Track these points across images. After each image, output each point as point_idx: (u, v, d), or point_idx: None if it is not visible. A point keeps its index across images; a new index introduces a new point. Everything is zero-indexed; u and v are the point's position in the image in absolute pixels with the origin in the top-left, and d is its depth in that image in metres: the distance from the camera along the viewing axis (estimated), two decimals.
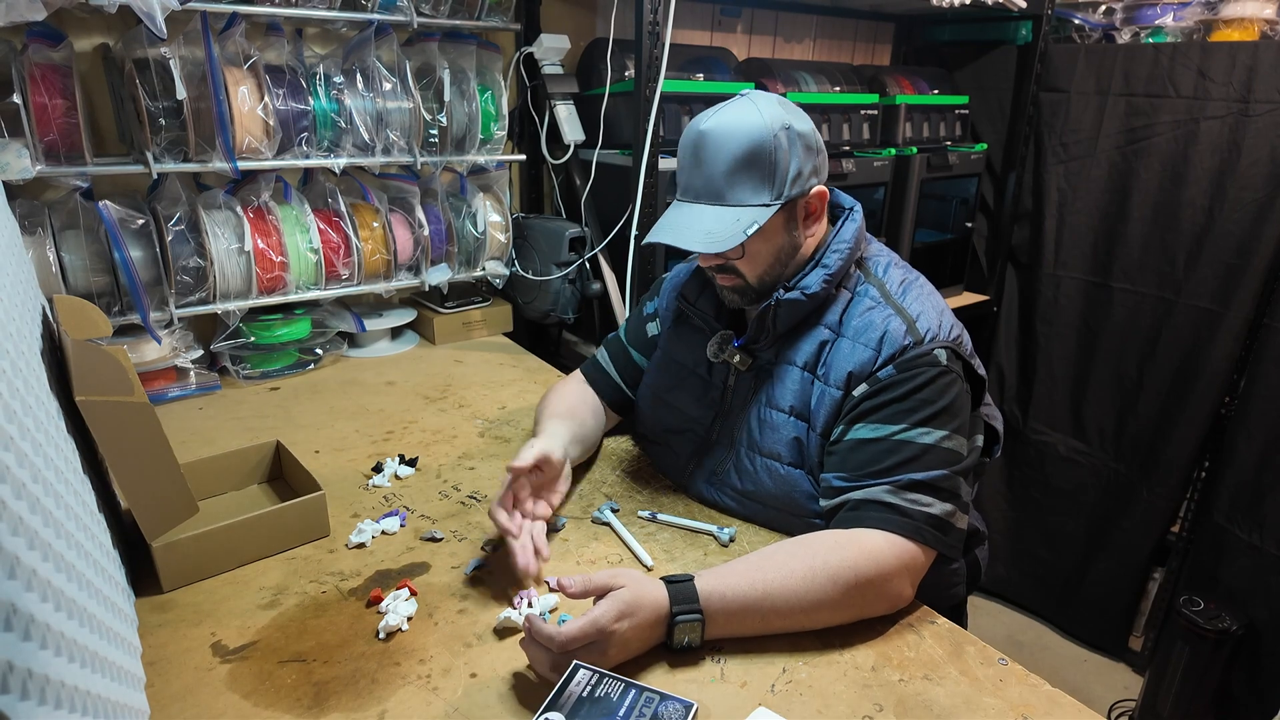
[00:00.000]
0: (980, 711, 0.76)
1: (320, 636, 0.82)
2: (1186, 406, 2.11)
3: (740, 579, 0.83)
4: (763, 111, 0.95)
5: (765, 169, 0.94)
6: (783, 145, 0.94)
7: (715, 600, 0.81)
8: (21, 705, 0.41)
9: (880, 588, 0.86)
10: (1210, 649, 1.96)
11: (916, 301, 0.99)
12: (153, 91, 1.28)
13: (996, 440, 1.09)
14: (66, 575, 0.57)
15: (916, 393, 0.92)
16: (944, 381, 0.93)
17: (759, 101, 0.97)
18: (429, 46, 1.59)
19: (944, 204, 2.37)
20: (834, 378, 0.97)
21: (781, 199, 0.95)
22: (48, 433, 0.67)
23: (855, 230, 1.02)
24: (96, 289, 1.32)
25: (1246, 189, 1.94)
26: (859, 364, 0.96)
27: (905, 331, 0.95)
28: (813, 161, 0.98)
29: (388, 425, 1.34)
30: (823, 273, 1.00)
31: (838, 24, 2.45)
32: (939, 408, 0.92)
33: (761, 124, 0.94)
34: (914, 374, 0.93)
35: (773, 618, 0.83)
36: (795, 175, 0.95)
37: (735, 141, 0.94)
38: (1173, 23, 2.11)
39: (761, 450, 1.03)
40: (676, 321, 1.18)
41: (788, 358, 1.02)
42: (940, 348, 0.95)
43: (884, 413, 0.93)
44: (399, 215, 1.63)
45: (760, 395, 1.04)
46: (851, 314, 1.00)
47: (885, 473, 0.91)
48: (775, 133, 0.94)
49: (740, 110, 0.96)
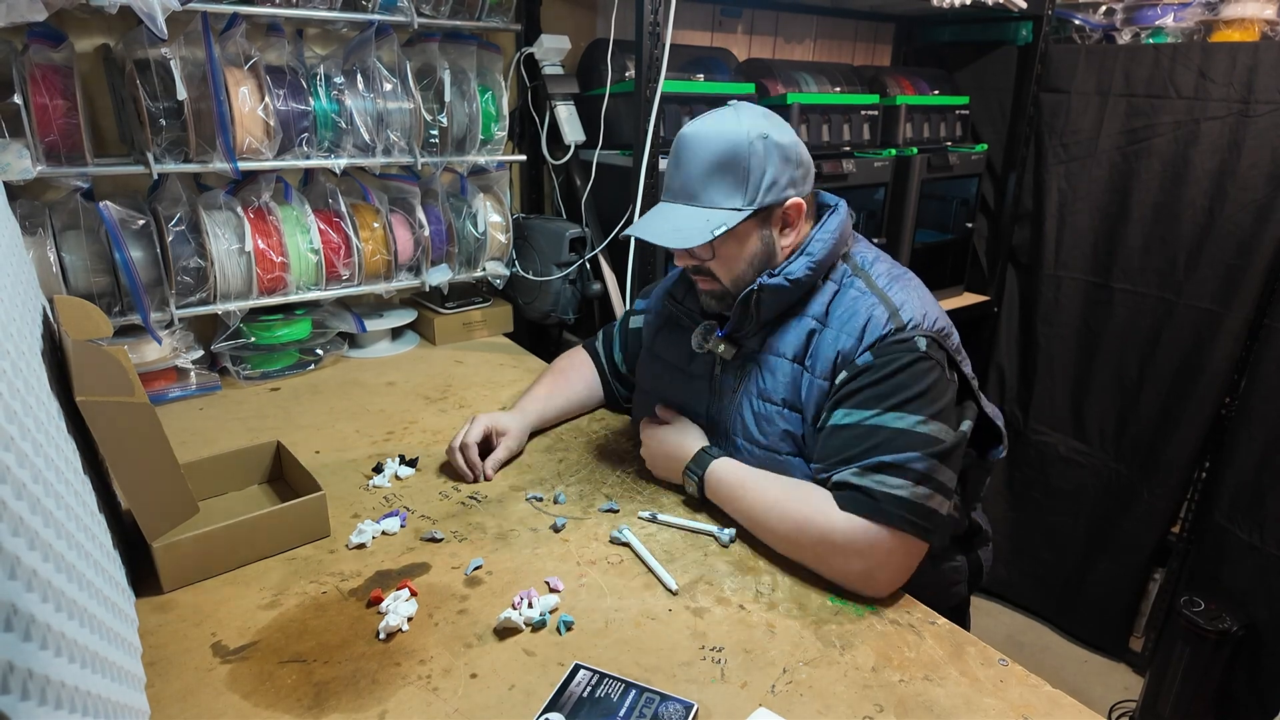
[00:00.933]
0: (981, 712, 0.76)
1: (320, 637, 0.82)
2: (1187, 407, 2.11)
3: (740, 471, 1.04)
4: (742, 120, 0.99)
5: (739, 174, 0.97)
6: (758, 152, 0.97)
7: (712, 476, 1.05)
8: (22, 705, 0.41)
9: (831, 561, 0.93)
10: (1211, 650, 1.96)
11: (902, 291, 1.00)
12: (153, 92, 1.28)
13: (1000, 440, 1.09)
14: (67, 576, 0.57)
15: (892, 377, 0.93)
16: (922, 367, 0.94)
17: (742, 111, 1.01)
18: (429, 47, 1.59)
19: (944, 204, 2.37)
20: (820, 368, 0.99)
21: (754, 204, 0.98)
22: (48, 433, 0.67)
23: (839, 222, 1.05)
24: (97, 289, 1.32)
25: (1247, 189, 1.94)
26: (842, 352, 0.98)
27: (888, 319, 0.96)
28: (790, 173, 1.00)
29: (388, 425, 1.34)
30: (806, 260, 1.01)
31: (838, 24, 2.45)
32: (914, 392, 0.92)
33: (739, 131, 0.97)
34: (891, 359, 0.94)
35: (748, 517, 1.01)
36: (770, 184, 0.98)
37: (712, 145, 0.98)
38: (1173, 23, 2.11)
39: (759, 443, 1.05)
40: (666, 323, 1.21)
41: (776, 349, 1.04)
42: (922, 335, 0.96)
43: (858, 397, 0.95)
44: (399, 216, 1.63)
45: (752, 388, 1.06)
46: (837, 304, 1.01)
47: (856, 457, 0.92)
48: (751, 140, 0.97)
49: (722, 117, 1.00)
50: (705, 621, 0.87)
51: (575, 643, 0.83)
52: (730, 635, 0.85)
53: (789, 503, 0.97)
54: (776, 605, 0.90)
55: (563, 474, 1.18)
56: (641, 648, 0.83)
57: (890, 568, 0.91)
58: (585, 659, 0.80)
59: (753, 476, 1.02)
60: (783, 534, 0.97)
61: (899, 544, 0.90)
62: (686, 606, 0.89)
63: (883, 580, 0.91)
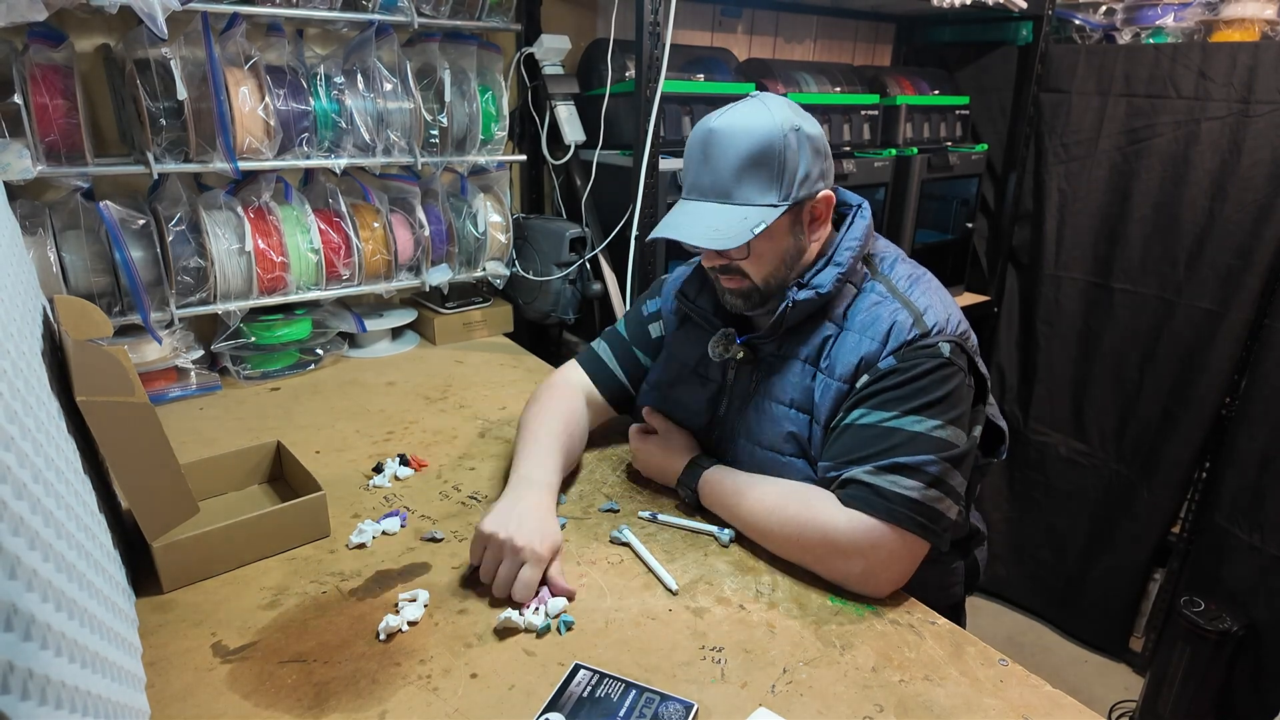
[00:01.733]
0: (981, 712, 0.76)
1: (321, 637, 0.82)
2: (1187, 407, 2.11)
3: (734, 478, 1.03)
4: (773, 112, 0.95)
5: (774, 169, 0.94)
6: (792, 146, 0.94)
7: (705, 486, 1.05)
8: (22, 705, 0.41)
9: (832, 561, 0.92)
10: (1211, 650, 1.96)
11: (924, 295, 0.98)
12: (153, 92, 1.28)
13: (1002, 440, 1.09)
14: (67, 576, 0.57)
15: (914, 381, 0.92)
16: (944, 373, 0.93)
17: (769, 102, 0.97)
18: (430, 47, 1.59)
19: (944, 204, 2.37)
20: (839, 371, 0.97)
21: (789, 200, 0.95)
22: (48, 433, 0.67)
23: (865, 227, 1.03)
24: (97, 289, 1.32)
25: (1247, 190, 1.94)
26: (865, 356, 0.96)
27: (912, 324, 0.95)
28: (820, 165, 0.98)
29: (388, 425, 1.34)
30: (835, 270, 0.99)
31: (838, 24, 2.45)
32: (935, 397, 0.92)
33: (772, 124, 0.94)
34: (914, 364, 0.93)
35: (747, 523, 1.00)
36: (804, 178, 0.95)
37: (745, 140, 0.94)
38: (1173, 23, 2.11)
39: (761, 443, 1.04)
40: (681, 322, 1.19)
41: (791, 352, 1.03)
42: (945, 341, 0.94)
43: (878, 399, 0.93)
44: (399, 216, 1.63)
45: (760, 388, 1.05)
46: (857, 309, 0.99)
47: (870, 457, 0.91)
48: (785, 133, 0.93)
49: (751, 109, 0.96)
50: (705, 621, 0.87)
51: (575, 643, 0.83)
52: (730, 635, 0.85)
53: (789, 505, 0.96)
54: (776, 605, 0.90)
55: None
56: (641, 648, 0.83)
57: (893, 568, 0.91)
58: (585, 659, 0.80)
59: (748, 481, 1.02)
60: (784, 536, 0.96)
61: (903, 544, 0.90)
62: (686, 606, 0.89)
63: (884, 580, 0.91)
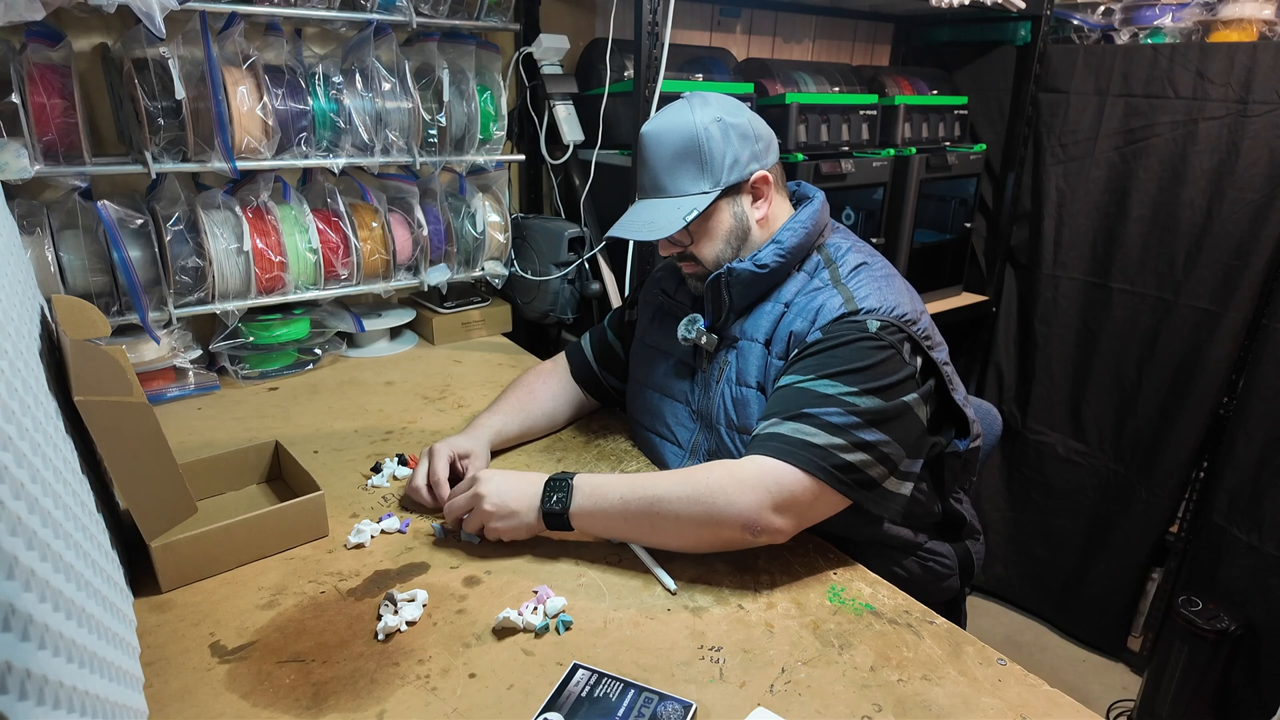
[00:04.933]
0: (979, 712, 0.76)
1: (319, 637, 0.82)
2: (1185, 407, 2.11)
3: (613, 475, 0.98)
4: (694, 108, 1.04)
5: (699, 159, 1.03)
6: (715, 136, 1.02)
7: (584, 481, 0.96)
8: (20, 705, 0.41)
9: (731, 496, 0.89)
10: (1209, 649, 1.96)
11: (865, 284, 1.02)
12: (151, 91, 1.28)
13: (967, 432, 1.08)
14: (65, 575, 0.57)
15: (833, 349, 0.95)
16: (866, 345, 0.95)
17: (694, 100, 1.06)
18: (428, 46, 1.59)
19: (943, 204, 2.37)
20: (776, 348, 1.03)
21: (720, 185, 1.03)
22: (46, 433, 0.67)
23: (813, 213, 1.09)
24: (95, 289, 1.32)
25: (1245, 189, 1.94)
26: (795, 332, 1.01)
27: (841, 304, 0.99)
28: (750, 148, 1.05)
29: (387, 425, 1.34)
30: (775, 247, 1.06)
31: (837, 24, 2.45)
32: (853, 366, 0.93)
33: (692, 120, 1.02)
34: (836, 335, 0.97)
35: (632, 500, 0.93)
36: (733, 163, 1.03)
37: (670, 137, 1.03)
38: (1171, 23, 2.11)
39: (740, 428, 1.06)
40: (657, 313, 1.24)
41: (750, 335, 1.07)
42: (875, 320, 0.97)
43: (798, 365, 0.97)
44: (398, 215, 1.63)
45: (730, 374, 1.08)
46: (800, 292, 1.05)
47: (780, 412, 0.94)
48: (705, 126, 1.02)
49: (675, 110, 1.06)
50: (704, 621, 0.87)
51: (574, 642, 0.83)
52: (729, 635, 0.85)
53: (683, 476, 0.93)
54: (775, 605, 0.90)
55: None
56: (640, 647, 0.83)
57: (792, 509, 0.89)
58: (584, 659, 0.80)
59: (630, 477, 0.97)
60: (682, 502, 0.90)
61: (803, 487, 0.89)
62: (685, 606, 0.89)
63: (769, 521, 0.89)
